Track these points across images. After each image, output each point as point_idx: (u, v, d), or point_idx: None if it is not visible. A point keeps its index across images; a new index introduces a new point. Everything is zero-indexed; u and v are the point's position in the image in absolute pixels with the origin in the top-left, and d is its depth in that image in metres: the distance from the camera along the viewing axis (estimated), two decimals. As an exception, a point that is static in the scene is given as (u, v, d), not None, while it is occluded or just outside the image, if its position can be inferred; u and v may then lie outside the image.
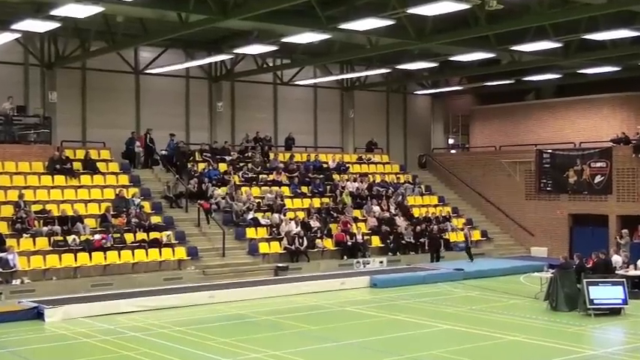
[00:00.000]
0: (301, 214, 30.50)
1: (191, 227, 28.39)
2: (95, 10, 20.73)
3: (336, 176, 34.28)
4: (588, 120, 35.47)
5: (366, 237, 30.69)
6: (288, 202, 31.21)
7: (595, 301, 20.41)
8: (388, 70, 34.55)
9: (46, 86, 29.57)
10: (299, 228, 29.19)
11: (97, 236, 25.17)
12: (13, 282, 22.79)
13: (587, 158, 33.06)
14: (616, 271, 22.50)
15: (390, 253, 30.71)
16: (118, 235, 25.62)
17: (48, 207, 26.07)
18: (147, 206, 27.97)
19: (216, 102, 33.72)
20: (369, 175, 35.37)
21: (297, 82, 35.43)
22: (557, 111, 36.72)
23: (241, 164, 32.62)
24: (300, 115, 37.04)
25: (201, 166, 31.50)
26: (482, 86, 37.79)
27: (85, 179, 28.29)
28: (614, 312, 20.46)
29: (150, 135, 30.78)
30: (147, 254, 25.60)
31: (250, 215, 29.37)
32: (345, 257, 29.49)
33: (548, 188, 34.49)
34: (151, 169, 31.07)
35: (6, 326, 19.11)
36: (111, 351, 16.76)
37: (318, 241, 29.38)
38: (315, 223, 30.13)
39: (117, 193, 27.78)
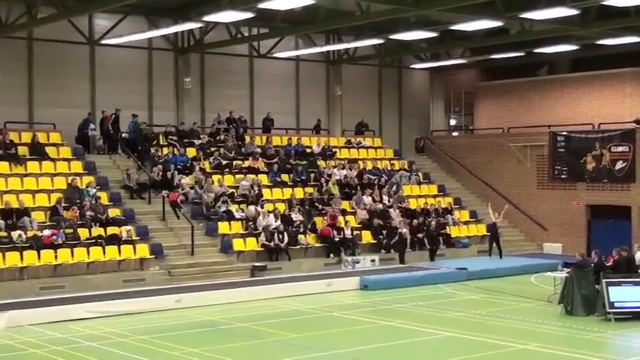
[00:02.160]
0: (281, 206, 30.51)
1: (155, 221, 28.33)
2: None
3: (321, 163, 34.27)
4: (609, 98, 35.58)
5: (355, 232, 30.73)
6: (266, 193, 31.19)
7: (616, 304, 20.56)
8: (381, 41, 34.48)
9: (-13, 59, 29.39)
10: (279, 222, 29.19)
11: (47, 232, 25.05)
12: (-50, 285, 22.70)
13: (607, 141, 33.22)
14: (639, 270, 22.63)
15: (383, 251, 30.79)
16: (71, 230, 25.50)
17: (-11, 198, 25.96)
18: (104, 197, 27.86)
19: (183, 77, 33.57)
20: (359, 162, 35.36)
21: (276, 55, 35.32)
22: (574, 88, 36.83)
23: (212, 149, 32.56)
24: (280, 93, 36.95)
25: (167, 150, 31.42)
26: (489, 59, 37.82)
27: (33, 166, 28.15)
28: (637, 316, 20.58)
29: (118, 115, 30.62)
30: (104, 252, 25.53)
31: (223, 207, 29.34)
32: (332, 255, 29.55)
33: (563, 176, 34.64)
34: (109, 154, 30.96)
35: (-59, 336, 19.03)
36: (63, 363, 16.74)
37: (300, 236, 29.41)
38: (297, 217, 30.14)
39: (69, 182, 27.65)
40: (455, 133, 42.58)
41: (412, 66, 40.37)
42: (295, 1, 24.30)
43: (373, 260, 29.93)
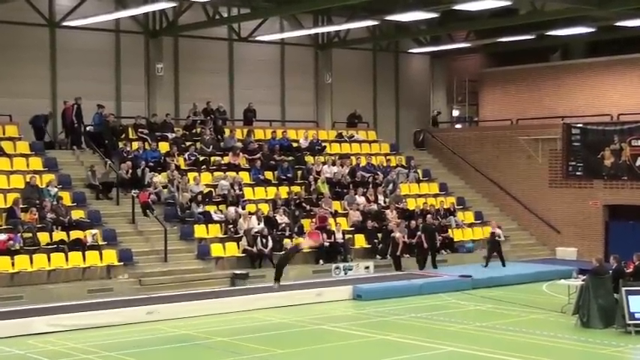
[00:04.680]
0: (265, 207, 30.54)
1: (124, 224, 28.32)
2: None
3: (309, 158, 34.32)
4: (629, 86, 35.70)
5: (347, 236, 30.81)
6: (247, 192, 31.22)
7: (636, 315, 20.65)
8: (375, 23, 34.53)
9: None
10: (262, 225, 29.23)
11: (2, 236, 25.01)
12: None
13: (627, 134, 33.35)
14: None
15: (378, 257, 30.86)
16: (30, 234, 25.47)
17: (-62, 199, 25.94)
18: (66, 197, 27.83)
19: (154, 63, 33.54)
20: (352, 157, 35.44)
21: (258, 38, 35.32)
22: (590, 74, 36.93)
23: (187, 143, 32.54)
24: (263, 80, 36.96)
25: (136, 145, 31.39)
26: (495, 43, 37.89)
27: (-14, 163, 28.17)
28: (660, 328, 20.75)
29: (80, 105, 30.57)
30: (67, 259, 25.50)
31: (200, 209, 29.35)
32: (322, 262, 29.61)
33: (578, 173, 34.77)
34: (72, 150, 30.94)
35: None
36: (21, 383, 16.76)
37: (286, 241, 29.41)
38: (282, 219, 30.18)
39: (27, 180, 27.60)
40: (458, 126, 42.65)
41: (410, 50, 40.43)
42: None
43: (367, 267, 29.99)
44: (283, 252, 25.75)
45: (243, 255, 28.53)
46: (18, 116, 30.18)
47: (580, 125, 34.84)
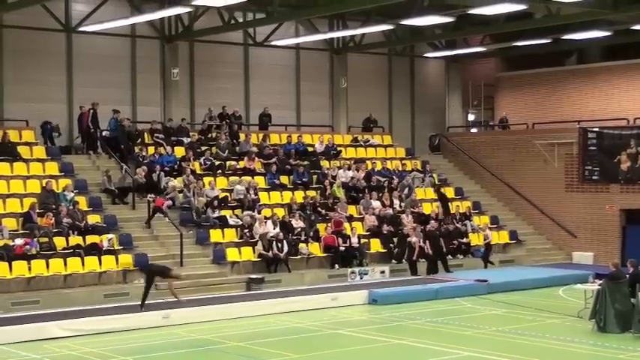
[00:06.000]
0: (280, 212, 30.55)
1: (139, 229, 28.39)
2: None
3: (324, 163, 34.33)
4: (645, 90, 35.72)
5: (363, 240, 30.78)
6: (263, 197, 31.25)
7: (654, 320, 20.61)
8: (391, 27, 34.52)
9: (-48, 49, 29.50)
10: (277, 229, 29.23)
11: (19, 241, 25.09)
12: None
13: (643, 138, 33.31)
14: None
15: (393, 261, 30.82)
16: (46, 239, 25.55)
17: (-45, 204, 26.05)
18: (82, 202, 27.93)
19: (170, 68, 33.65)
20: (367, 162, 35.42)
21: (274, 43, 35.38)
22: (606, 78, 36.88)
23: (203, 148, 32.61)
24: (279, 85, 37.03)
25: (152, 150, 31.48)
26: (511, 47, 37.88)
27: (3, 168, 28.19)
28: (678, 333, 20.65)
29: (95, 110, 30.68)
30: (83, 264, 25.57)
31: (215, 213, 29.38)
32: (337, 266, 29.60)
33: (594, 177, 34.66)
34: (88, 154, 31.04)
35: None
36: (37, 387, 16.80)
37: (302, 245, 29.45)
38: (298, 223, 30.18)
39: (44, 185, 27.71)
40: (474, 130, 42.61)
41: (426, 55, 40.43)
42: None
43: (383, 271, 29.96)
44: None
45: (259, 259, 28.53)
46: (34, 121, 30.32)
47: (596, 129, 34.73)
